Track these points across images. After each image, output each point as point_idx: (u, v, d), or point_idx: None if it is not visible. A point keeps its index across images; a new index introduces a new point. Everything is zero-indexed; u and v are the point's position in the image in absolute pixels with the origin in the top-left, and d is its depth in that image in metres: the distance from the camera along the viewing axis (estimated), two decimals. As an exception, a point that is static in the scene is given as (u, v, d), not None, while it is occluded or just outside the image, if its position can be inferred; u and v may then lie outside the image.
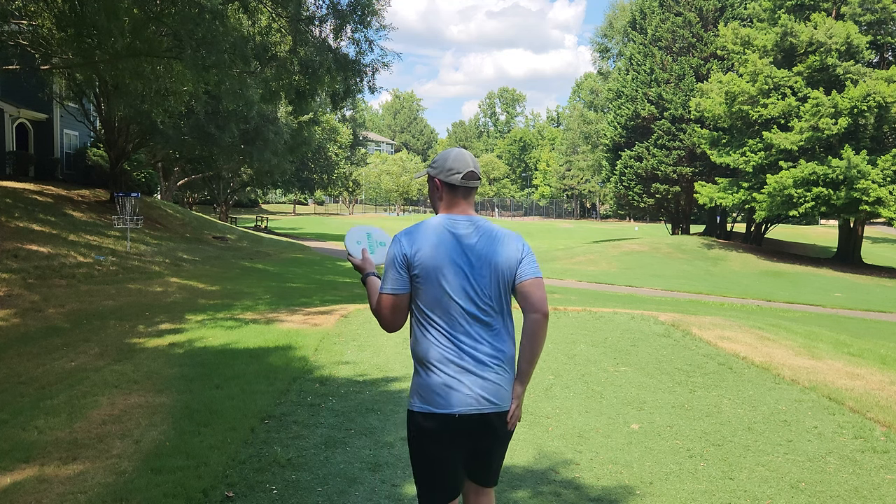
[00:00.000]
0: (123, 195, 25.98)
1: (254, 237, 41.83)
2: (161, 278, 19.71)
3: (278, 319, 12.77)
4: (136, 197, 26.64)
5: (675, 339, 11.66)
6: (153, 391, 7.73)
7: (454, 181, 3.52)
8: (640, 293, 27.63)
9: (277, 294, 18.22)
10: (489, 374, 3.33)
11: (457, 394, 3.26)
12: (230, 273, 23.41)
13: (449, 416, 3.25)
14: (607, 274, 35.06)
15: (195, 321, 12.65)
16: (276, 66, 20.47)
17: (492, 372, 3.34)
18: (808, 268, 39.84)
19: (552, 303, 17.53)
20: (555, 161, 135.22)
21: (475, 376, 3.29)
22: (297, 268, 28.32)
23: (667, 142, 50.72)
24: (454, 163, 3.54)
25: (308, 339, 10.70)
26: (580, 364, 9.52)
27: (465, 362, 3.31)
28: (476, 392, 3.28)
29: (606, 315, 14.26)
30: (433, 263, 3.33)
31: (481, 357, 3.35)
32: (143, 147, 36.00)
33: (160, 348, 10.19)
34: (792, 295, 29.08)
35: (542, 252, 47.75)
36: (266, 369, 8.69)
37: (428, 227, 3.42)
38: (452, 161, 3.55)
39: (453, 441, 3.30)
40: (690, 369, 9.37)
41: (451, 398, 3.26)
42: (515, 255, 3.53)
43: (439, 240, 3.38)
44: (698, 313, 16.73)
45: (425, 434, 3.33)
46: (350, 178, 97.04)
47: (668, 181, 51.47)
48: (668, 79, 51.47)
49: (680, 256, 41.79)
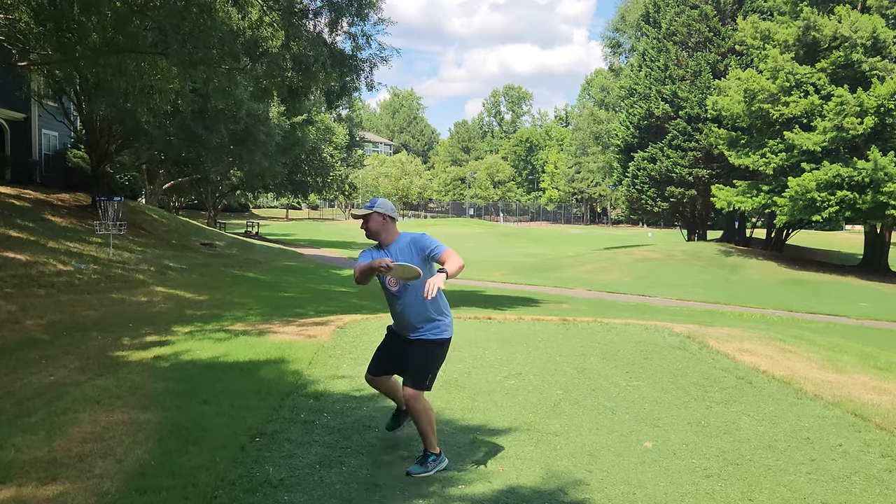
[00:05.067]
0: (106, 199, 26.03)
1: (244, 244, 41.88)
2: (146, 287, 19.72)
3: (270, 331, 12.77)
4: (120, 201, 26.68)
5: (690, 351, 11.66)
6: (137, 407, 7.73)
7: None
8: (654, 303, 27.62)
9: (269, 304, 18.22)
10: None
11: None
12: (219, 282, 23.41)
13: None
14: (619, 283, 35.07)
15: (182, 333, 12.66)
16: (267, 62, 20.46)
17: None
18: (832, 276, 39.83)
19: (560, 313, 17.52)
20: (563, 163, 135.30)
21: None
22: (290, 276, 28.34)
23: (682, 142, 50.76)
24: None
25: (302, 351, 10.70)
26: (590, 378, 9.52)
27: None
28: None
29: (618, 326, 14.26)
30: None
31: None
32: (126, 148, 36.06)
33: (145, 362, 10.19)
34: (815, 305, 29.08)
35: (550, 259, 47.75)
36: (257, 384, 8.69)
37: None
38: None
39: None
40: (707, 384, 9.37)
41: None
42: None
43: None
44: (715, 324, 16.73)
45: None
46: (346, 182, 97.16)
47: (684, 184, 51.48)
48: (684, 76, 51.54)
49: (696, 264, 41.78)
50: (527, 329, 13.49)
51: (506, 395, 8.52)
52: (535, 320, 14.76)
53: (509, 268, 41.53)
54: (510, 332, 12.98)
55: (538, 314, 16.84)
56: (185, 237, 35.37)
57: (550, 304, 22.97)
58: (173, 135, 33.82)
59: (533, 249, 61.96)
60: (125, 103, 25.61)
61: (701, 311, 24.68)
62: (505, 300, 22.99)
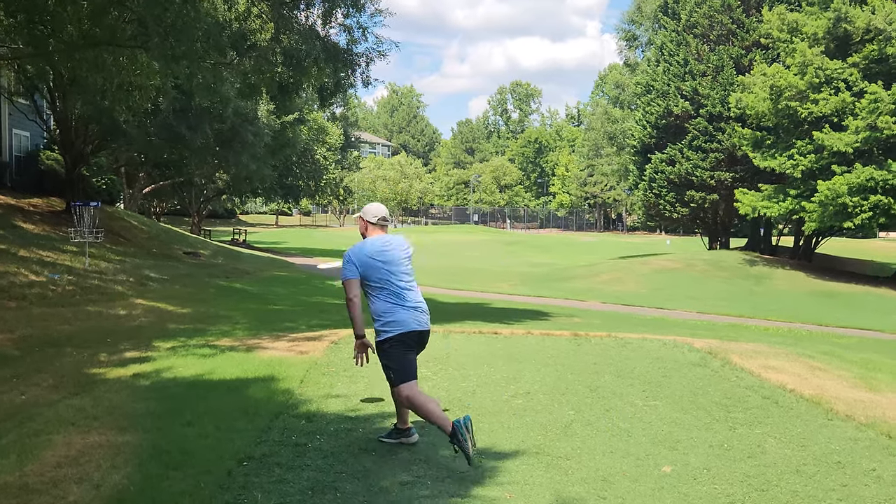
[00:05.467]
0: (81, 205, 26.03)
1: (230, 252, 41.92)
2: (124, 300, 19.73)
3: (259, 346, 12.78)
4: (96, 207, 26.70)
5: (712, 368, 11.66)
6: (115, 429, 7.74)
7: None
8: (673, 316, 27.61)
9: (258, 317, 18.24)
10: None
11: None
12: (204, 293, 23.43)
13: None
14: (635, 294, 35.06)
15: (164, 349, 12.66)
16: (255, 56, 20.46)
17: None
18: (866, 287, 39.80)
19: (572, 327, 17.52)
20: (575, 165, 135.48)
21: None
22: (280, 287, 28.35)
23: (703, 143, 50.75)
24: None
25: (293, 368, 10.71)
26: (604, 398, 9.52)
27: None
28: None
29: (634, 342, 14.26)
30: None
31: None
32: (103, 149, 36.11)
33: (123, 380, 10.20)
34: (847, 318, 29.04)
35: (561, 270, 47.75)
36: (245, 403, 8.70)
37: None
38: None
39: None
40: (730, 403, 9.37)
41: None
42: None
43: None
44: (739, 339, 16.73)
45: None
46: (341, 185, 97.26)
47: (705, 188, 51.44)
48: (705, 71, 51.56)
49: (718, 274, 41.76)
50: (535, 345, 13.49)
51: (513, 416, 8.52)
52: (545, 335, 14.76)
53: (516, 278, 41.53)
54: (518, 348, 12.98)
55: (548, 328, 16.84)
56: (166, 245, 35.41)
57: (561, 317, 22.97)
58: (154, 135, 33.85)
59: (542, 259, 61.98)
60: (102, 101, 25.62)
61: (723, 325, 24.66)
62: (512, 313, 22.99)
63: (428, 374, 10.38)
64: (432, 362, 11.23)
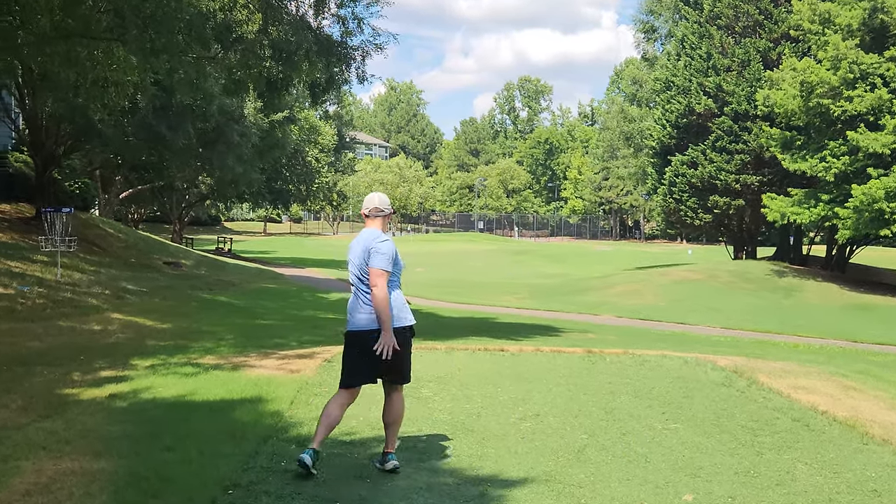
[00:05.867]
0: (53, 211, 26.04)
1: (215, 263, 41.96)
2: (100, 314, 19.74)
3: (246, 364, 12.79)
4: (69, 213, 26.70)
5: (737, 388, 11.66)
6: (90, 454, 7.74)
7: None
8: (695, 331, 27.62)
9: (245, 333, 18.25)
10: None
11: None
12: (186, 307, 23.44)
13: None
14: (654, 308, 35.08)
15: (142, 367, 12.67)
16: (241, 49, 20.44)
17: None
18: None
19: (585, 343, 17.53)
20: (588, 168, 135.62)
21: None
22: (268, 301, 28.37)
23: (728, 144, 50.69)
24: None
25: (283, 388, 10.72)
26: (620, 420, 9.53)
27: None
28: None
29: (653, 359, 14.27)
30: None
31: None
32: (77, 151, 36.13)
33: (98, 401, 10.20)
34: (883, 334, 29.04)
35: (573, 281, 47.75)
36: (231, 426, 8.71)
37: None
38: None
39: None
40: (757, 427, 9.38)
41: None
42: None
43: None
44: (767, 357, 16.72)
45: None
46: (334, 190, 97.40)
47: (730, 193, 51.38)
48: (730, 66, 51.56)
49: (744, 286, 41.76)
50: (546, 363, 13.50)
51: (521, 440, 8.53)
52: (556, 352, 14.77)
53: (525, 291, 41.55)
54: (526, 367, 12.99)
55: (559, 345, 16.85)
56: (145, 255, 35.45)
57: (573, 333, 22.98)
58: (132, 135, 33.85)
59: (553, 269, 61.98)
60: (75, 98, 25.64)
61: (749, 341, 24.66)
62: (520, 329, 23.00)
63: (429, 394, 10.39)
64: (434, 382, 11.24)
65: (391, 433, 7.54)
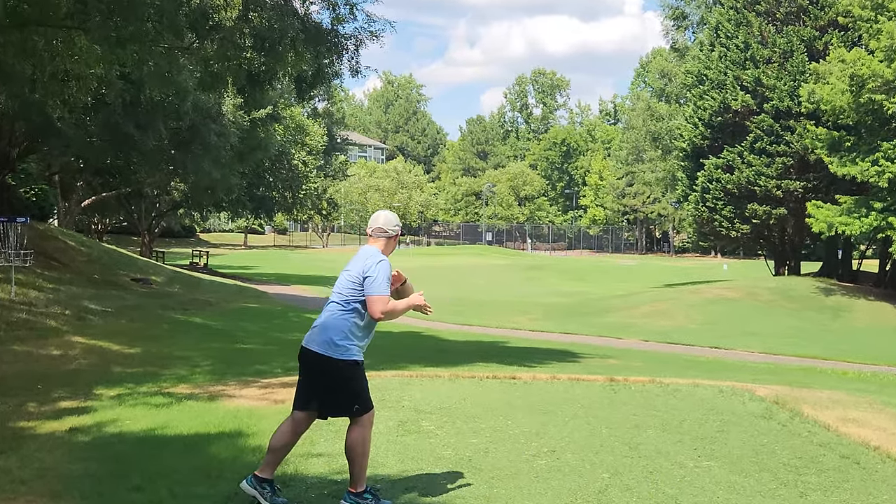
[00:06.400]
0: (6, 221, 26.08)
1: (189, 279, 41.99)
2: (59, 337, 19.76)
3: (224, 394, 12.82)
4: (24, 223, 26.74)
5: (779, 421, 11.67)
6: (47, 495, 7.76)
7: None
8: (731, 357, 27.62)
9: (223, 359, 18.26)
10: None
11: None
12: (156, 329, 23.46)
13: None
14: (684, 330, 35.07)
15: (107, 397, 12.69)
16: (219, 38, 20.41)
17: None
18: (969, 322, 39.76)
19: (607, 370, 17.53)
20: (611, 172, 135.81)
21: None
22: (249, 322, 28.39)
23: (768, 145, 50.63)
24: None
25: (265, 421, 10.72)
26: (647, 457, 9.53)
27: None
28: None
29: (683, 388, 14.28)
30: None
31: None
32: (33, 153, 36.20)
33: (58, 435, 10.22)
34: (945, 360, 29.03)
35: (593, 300, 47.75)
36: (206, 464, 8.72)
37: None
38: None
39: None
40: (801, 465, 9.38)
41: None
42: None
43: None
44: (812, 386, 16.72)
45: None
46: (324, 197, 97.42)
47: (770, 200, 51.33)
48: (770, 57, 51.56)
49: (786, 306, 41.75)
50: (562, 392, 13.52)
51: (535, 480, 8.54)
52: (574, 380, 14.79)
53: (539, 311, 41.55)
54: (540, 397, 13.01)
55: (577, 372, 16.86)
56: (110, 270, 35.48)
57: (593, 358, 22.98)
58: (95, 135, 33.86)
59: (570, 287, 62.03)
60: (31, 93, 25.61)
61: (792, 367, 24.66)
62: (534, 354, 23.00)
63: (431, 427, 10.40)
64: (436, 413, 11.26)
65: (351, 469, 7.57)
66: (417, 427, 10.39)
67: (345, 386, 7.41)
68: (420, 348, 15.37)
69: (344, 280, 7.47)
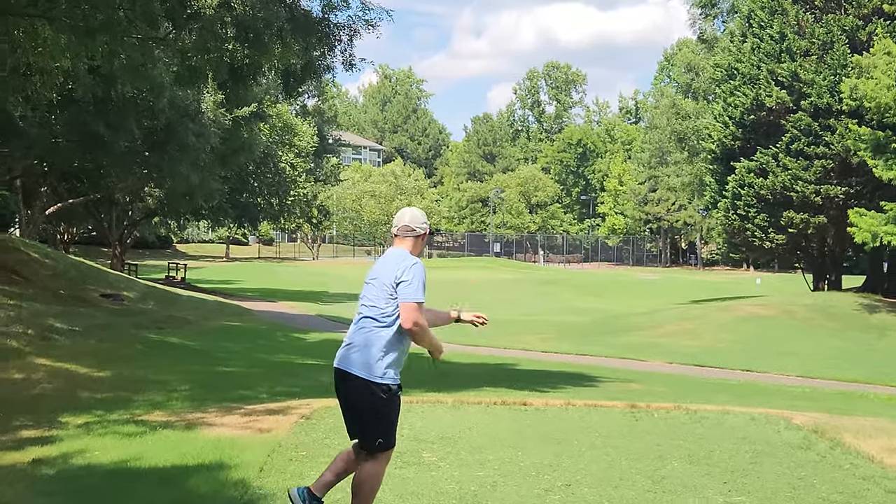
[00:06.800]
0: (-38, 230, 26.13)
1: (165, 295, 42.00)
2: (21, 359, 19.76)
3: (204, 422, 12.82)
4: (-17, 233, 26.79)
5: (818, 452, 11.67)
6: (9, 533, 7.77)
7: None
8: (764, 381, 27.62)
9: (202, 383, 18.27)
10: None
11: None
12: (128, 350, 23.47)
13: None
14: (713, 351, 35.05)
15: (74, 425, 12.70)
16: (198, 28, 20.38)
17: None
18: None
19: (627, 395, 17.54)
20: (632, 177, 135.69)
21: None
22: (232, 342, 28.40)
23: (805, 146, 50.55)
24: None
25: (250, 452, 10.73)
26: (671, 492, 9.54)
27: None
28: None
29: (712, 416, 14.29)
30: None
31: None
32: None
33: (20, 467, 10.23)
34: None
35: (613, 318, 47.73)
36: (184, 499, 8.72)
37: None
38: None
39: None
40: (843, 500, 9.38)
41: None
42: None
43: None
44: (854, 413, 16.72)
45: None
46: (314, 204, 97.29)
47: (808, 207, 51.23)
48: (808, 49, 51.52)
49: (826, 325, 41.70)
50: (578, 420, 13.52)
51: (547, 517, 8.54)
52: (590, 407, 14.80)
53: (552, 330, 41.56)
54: (554, 425, 13.01)
55: (594, 398, 16.87)
56: (78, 285, 35.49)
57: (612, 382, 22.99)
58: (62, 135, 33.90)
59: (587, 303, 62.01)
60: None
61: (832, 392, 24.66)
62: (546, 377, 23.02)
63: (432, 459, 10.41)
64: (438, 443, 11.26)
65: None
66: (418, 459, 10.40)
67: (375, 413, 7.33)
68: (420, 371, 15.38)
69: (376, 290, 7.36)
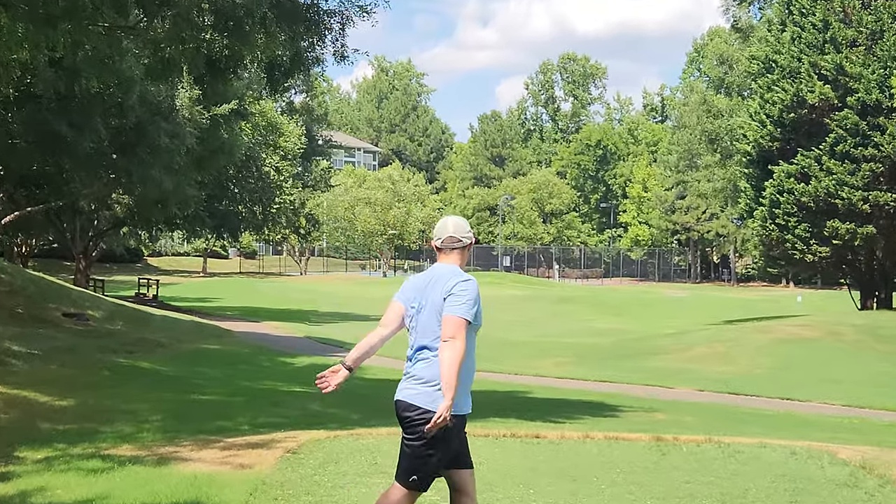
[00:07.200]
0: None
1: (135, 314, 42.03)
2: (-27, 385, 19.81)
3: (177, 457, 12.82)
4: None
5: (865, 490, 11.67)
6: (-40, 581, 7.78)
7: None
8: (806, 411, 27.62)
9: (176, 413, 18.28)
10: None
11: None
12: (94, 376, 23.48)
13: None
14: (748, 378, 35.03)
15: (33, 460, 12.72)
16: (172, 16, 20.33)
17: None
18: None
19: (652, 427, 17.54)
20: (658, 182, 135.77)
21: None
22: (209, 367, 28.42)
23: (852, 148, 50.46)
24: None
25: (229, 490, 10.73)
26: (701, 535, 9.54)
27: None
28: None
29: (747, 449, 14.28)
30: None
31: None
32: (-59, 158, 36.23)
33: (-28, 507, 10.25)
34: None
35: (636, 341, 47.73)
36: (155, 543, 8.72)
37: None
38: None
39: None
40: (894, 544, 9.38)
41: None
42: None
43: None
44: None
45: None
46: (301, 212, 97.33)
47: (855, 216, 51.13)
48: (855, 39, 51.49)
49: (875, 347, 41.66)
50: (597, 454, 13.53)
51: (562, 562, 8.54)
52: (611, 440, 14.80)
53: (569, 353, 41.57)
54: (571, 460, 13.02)
55: (616, 430, 16.87)
56: (37, 303, 35.53)
57: (636, 412, 23.00)
58: (19, 135, 33.92)
59: (607, 324, 62.04)
60: (-60, 86, 25.76)
61: (882, 424, 24.65)
62: (562, 406, 23.03)
63: (436, 499, 10.39)
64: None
65: None
66: (420, 498, 10.41)
67: (431, 446, 7.42)
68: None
69: (430, 318, 7.34)
